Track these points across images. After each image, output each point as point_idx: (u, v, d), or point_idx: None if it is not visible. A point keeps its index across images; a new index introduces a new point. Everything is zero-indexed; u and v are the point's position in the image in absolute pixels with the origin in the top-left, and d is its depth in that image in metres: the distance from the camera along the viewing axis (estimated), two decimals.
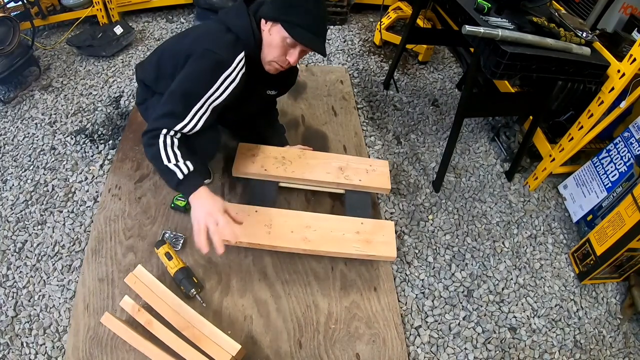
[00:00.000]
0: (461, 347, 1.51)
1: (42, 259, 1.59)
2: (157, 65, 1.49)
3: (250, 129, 1.82)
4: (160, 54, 1.50)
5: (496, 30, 1.35)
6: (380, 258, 1.55)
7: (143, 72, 1.59)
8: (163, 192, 1.77)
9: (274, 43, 1.32)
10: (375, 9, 3.04)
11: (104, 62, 2.47)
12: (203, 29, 1.41)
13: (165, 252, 1.49)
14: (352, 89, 2.43)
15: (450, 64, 2.72)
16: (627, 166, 1.70)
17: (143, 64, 1.62)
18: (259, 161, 1.72)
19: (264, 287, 1.53)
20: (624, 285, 1.74)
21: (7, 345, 1.39)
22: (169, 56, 1.44)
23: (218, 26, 1.34)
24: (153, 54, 1.57)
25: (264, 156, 1.74)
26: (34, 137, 2.02)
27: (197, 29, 1.46)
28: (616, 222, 1.56)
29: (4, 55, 2.08)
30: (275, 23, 1.30)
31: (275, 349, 1.39)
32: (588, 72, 1.51)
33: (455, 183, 2.02)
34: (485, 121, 2.35)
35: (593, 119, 1.64)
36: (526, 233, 1.87)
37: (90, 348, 1.34)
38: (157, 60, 1.49)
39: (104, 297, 1.46)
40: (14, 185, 1.82)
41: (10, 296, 1.50)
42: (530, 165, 2.12)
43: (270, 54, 1.36)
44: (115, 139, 2.01)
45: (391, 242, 1.54)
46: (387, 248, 1.53)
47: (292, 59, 1.35)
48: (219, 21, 1.36)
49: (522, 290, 1.68)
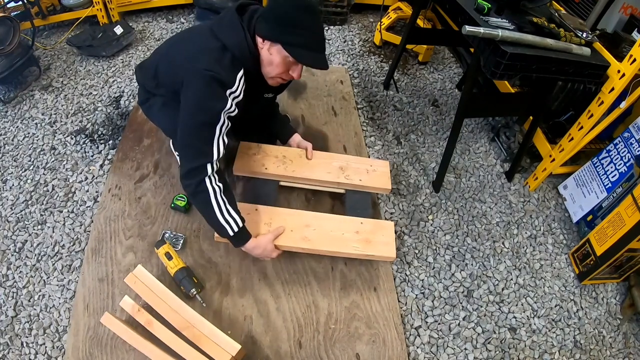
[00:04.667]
0: (461, 348, 1.51)
1: (42, 259, 1.59)
2: (155, 74, 1.48)
3: (251, 128, 1.82)
4: (157, 61, 1.47)
5: (496, 30, 1.35)
6: (379, 258, 1.55)
7: (143, 77, 1.57)
8: (163, 192, 1.77)
9: (276, 62, 1.30)
10: (376, 9, 3.04)
11: (104, 62, 2.47)
12: (198, 44, 1.32)
13: (165, 252, 1.49)
14: (352, 89, 2.43)
15: (450, 64, 2.72)
16: (627, 166, 1.70)
17: (142, 67, 1.59)
18: (259, 160, 1.71)
19: (264, 287, 1.53)
20: (624, 286, 1.74)
21: (7, 345, 1.39)
22: (166, 68, 1.43)
23: (213, 43, 1.28)
24: (151, 59, 1.54)
25: (265, 155, 1.74)
26: (34, 137, 2.02)
27: (191, 40, 1.38)
28: (616, 223, 1.56)
29: (4, 55, 2.08)
30: (274, 43, 1.27)
31: (275, 348, 1.39)
32: (588, 72, 1.51)
33: (455, 183, 2.02)
34: (485, 121, 2.35)
35: (593, 119, 1.64)
36: (526, 233, 1.87)
37: (90, 348, 1.34)
38: (155, 68, 1.47)
39: (104, 297, 1.46)
40: (14, 185, 1.82)
41: (10, 296, 1.50)
42: (530, 166, 2.12)
43: (273, 72, 1.34)
44: (115, 139, 2.01)
45: (391, 243, 1.54)
46: (387, 248, 1.53)
47: (295, 74, 1.35)
48: (213, 35, 1.30)
49: (522, 290, 1.68)
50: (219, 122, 1.29)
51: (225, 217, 1.33)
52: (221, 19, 1.33)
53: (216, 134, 1.30)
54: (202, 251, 1.60)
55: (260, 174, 1.69)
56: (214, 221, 1.33)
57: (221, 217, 1.32)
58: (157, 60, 1.48)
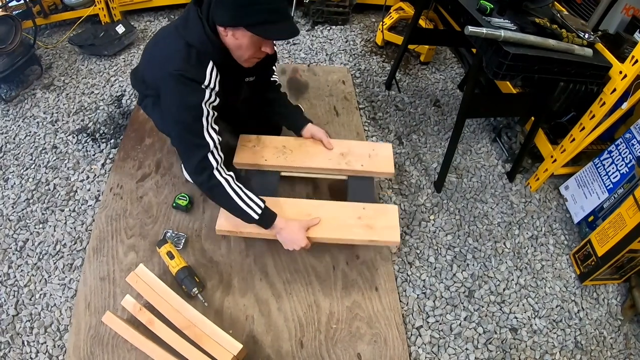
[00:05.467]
0: (462, 348, 1.51)
1: (43, 258, 1.60)
2: (143, 79, 1.50)
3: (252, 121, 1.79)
4: (142, 66, 1.50)
5: (499, 31, 1.35)
6: (384, 243, 1.50)
7: (135, 82, 1.62)
8: (165, 191, 1.77)
9: (244, 45, 1.27)
10: (378, 9, 3.04)
11: (105, 61, 2.47)
12: (166, 47, 1.34)
13: (167, 251, 1.49)
14: (354, 89, 2.43)
15: (452, 65, 2.72)
16: (629, 167, 1.70)
17: (133, 72, 1.63)
18: (259, 151, 1.69)
19: (265, 287, 1.53)
20: (625, 287, 1.74)
21: (8, 343, 1.39)
22: (147, 73, 1.45)
23: (179, 42, 1.28)
24: (139, 64, 1.56)
25: (264, 146, 1.71)
26: (35, 136, 2.02)
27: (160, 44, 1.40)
28: (617, 224, 1.56)
29: (6, 53, 2.09)
30: (237, 28, 1.23)
31: (277, 348, 1.39)
32: (590, 73, 1.51)
33: (457, 183, 2.02)
34: (487, 122, 2.35)
35: (595, 120, 1.64)
36: (527, 234, 1.87)
37: (92, 347, 1.34)
38: (142, 73, 1.50)
39: (106, 296, 1.46)
40: (16, 183, 1.82)
41: (12, 295, 1.50)
42: (531, 166, 2.12)
43: (245, 55, 1.31)
44: (117, 138, 2.01)
45: (395, 227, 1.48)
46: (391, 232, 1.47)
47: (268, 49, 1.31)
48: (178, 34, 1.30)
49: (523, 291, 1.68)
50: (203, 114, 1.30)
51: (246, 202, 1.35)
52: (183, 16, 1.33)
53: (204, 125, 1.31)
54: (204, 250, 1.60)
55: (260, 166, 1.67)
56: (236, 210, 1.36)
57: (242, 203, 1.35)
58: (142, 65, 1.52)
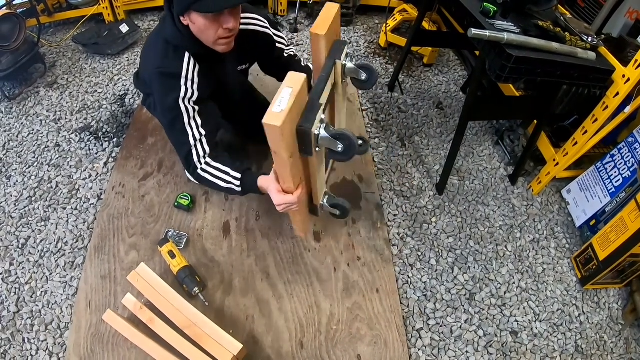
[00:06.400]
0: (462, 350, 1.50)
1: (45, 256, 1.60)
2: (143, 80, 1.53)
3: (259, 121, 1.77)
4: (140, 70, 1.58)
5: (502, 33, 1.35)
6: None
7: (137, 83, 1.67)
8: (167, 190, 1.77)
9: (203, 27, 1.26)
10: (381, 11, 3.04)
11: (109, 60, 2.48)
12: (150, 47, 1.43)
13: (168, 250, 1.49)
14: (357, 90, 2.42)
15: (455, 67, 2.72)
16: (631, 171, 1.70)
17: (136, 74, 1.67)
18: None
19: (266, 287, 1.53)
20: (626, 291, 1.74)
21: (9, 340, 1.40)
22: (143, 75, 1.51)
23: (159, 41, 1.36)
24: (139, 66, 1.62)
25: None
26: (38, 134, 2.02)
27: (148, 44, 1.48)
28: (619, 228, 1.55)
29: (10, 51, 2.09)
30: (189, 13, 1.24)
31: (277, 349, 1.39)
32: (593, 76, 1.51)
33: (459, 186, 2.02)
34: (490, 124, 2.35)
35: (597, 123, 1.63)
36: (529, 237, 1.87)
37: (92, 345, 1.34)
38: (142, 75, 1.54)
39: (106, 295, 1.46)
40: (18, 181, 1.83)
41: (13, 292, 1.50)
42: (534, 169, 2.12)
43: (209, 37, 1.30)
44: (120, 137, 2.02)
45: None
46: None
47: (229, 24, 1.27)
48: (159, 34, 1.38)
49: (524, 294, 1.68)
50: (182, 112, 1.37)
51: (226, 180, 1.44)
52: (163, 16, 1.40)
53: (185, 121, 1.38)
54: (205, 250, 1.60)
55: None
56: (223, 190, 1.47)
57: (225, 184, 1.45)
58: (139, 66, 1.58)
